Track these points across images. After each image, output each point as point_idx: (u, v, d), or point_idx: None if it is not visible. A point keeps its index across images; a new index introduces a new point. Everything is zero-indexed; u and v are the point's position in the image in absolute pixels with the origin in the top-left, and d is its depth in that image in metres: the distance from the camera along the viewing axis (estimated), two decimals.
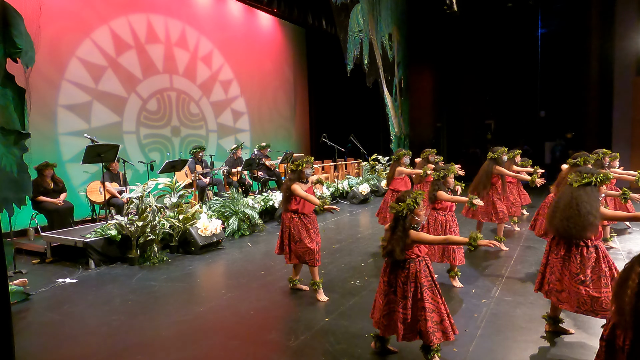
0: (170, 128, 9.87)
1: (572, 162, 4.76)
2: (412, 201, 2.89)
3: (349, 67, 11.36)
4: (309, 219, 4.26)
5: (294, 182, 4.21)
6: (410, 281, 2.88)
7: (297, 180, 4.23)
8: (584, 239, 3.12)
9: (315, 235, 4.27)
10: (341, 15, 10.82)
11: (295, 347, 3.29)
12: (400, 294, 2.90)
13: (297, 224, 4.21)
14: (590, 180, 3.11)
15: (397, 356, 3.14)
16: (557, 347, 3.20)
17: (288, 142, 13.73)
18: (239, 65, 11.77)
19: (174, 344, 3.40)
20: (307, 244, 4.17)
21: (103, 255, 5.52)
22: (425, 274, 2.90)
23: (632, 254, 4.77)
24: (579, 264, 3.10)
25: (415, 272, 2.88)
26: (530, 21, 13.46)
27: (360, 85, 12.39)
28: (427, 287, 2.87)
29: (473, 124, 15.04)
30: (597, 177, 3.11)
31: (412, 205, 2.88)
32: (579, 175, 3.17)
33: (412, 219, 2.90)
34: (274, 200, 8.15)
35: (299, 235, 4.20)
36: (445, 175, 4.36)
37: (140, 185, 5.82)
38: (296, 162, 4.26)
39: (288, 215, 4.28)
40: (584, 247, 3.12)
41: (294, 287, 4.52)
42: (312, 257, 4.19)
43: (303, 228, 4.20)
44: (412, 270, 2.89)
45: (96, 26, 8.32)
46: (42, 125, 7.39)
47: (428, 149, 6.88)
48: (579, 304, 3.09)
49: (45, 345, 3.45)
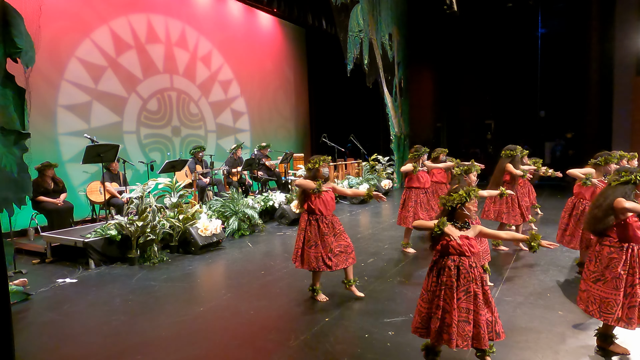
0: (171, 128, 9.87)
1: (593, 162, 4.68)
2: (465, 193, 2.75)
3: (349, 67, 11.35)
4: (326, 222, 4.02)
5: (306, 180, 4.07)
6: (432, 275, 2.76)
7: (312, 179, 4.04)
8: (596, 233, 3.05)
9: (336, 238, 4.03)
10: (341, 15, 10.82)
11: (295, 347, 3.29)
12: (424, 287, 2.80)
13: (314, 228, 3.99)
14: (629, 178, 3.01)
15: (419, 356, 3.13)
16: (556, 347, 3.20)
17: (288, 142, 13.72)
18: (239, 65, 11.77)
19: (174, 344, 3.40)
20: (320, 249, 3.96)
21: (103, 255, 5.52)
22: (450, 274, 2.70)
23: None
24: (596, 261, 3.02)
25: (440, 269, 2.75)
26: (530, 21, 13.45)
27: (360, 85, 12.38)
28: (448, 287, 2.69)
29: (473, 124, 15.03)
30: (637, 175, 3.00)
31: (464, 197, 2.75)
32: (617, 173, 3.10)
33: (462, 213, 2.78)
34: (274, 201, 8.15)
35: (315, 240, 3.99)
36: (468, 171, 4.20)
37: (140, 185, 5.82)
38: (312, 161, 4.07)
39: (305, 217, 4.08)
40: (605, 246, 3.00)
41: (313, 297, 4.26)
42: (323, 263, 3.96)
43: (319, 233, 3.98)
44: (438, 265, 2.76)
45: (96, 26, 8.32)
46: (42, 125, 7.39)
47: (439, 149, 6.81)
48: (588, 302, 3.03)
49: (45, 345, 3.45)
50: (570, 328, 3.47)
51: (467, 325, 2.65)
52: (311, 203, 4.02)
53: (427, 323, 2.78)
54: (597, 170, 4.64)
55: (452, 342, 2.63)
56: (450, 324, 2.65)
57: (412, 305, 3.95)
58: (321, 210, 4.01)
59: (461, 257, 2.72)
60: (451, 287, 2.68)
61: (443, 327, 2.69)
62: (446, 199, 2.81)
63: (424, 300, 2.81)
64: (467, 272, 2.70)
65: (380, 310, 3.90)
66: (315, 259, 3.98)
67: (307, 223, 4.03)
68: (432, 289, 2.77)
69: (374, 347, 3.25)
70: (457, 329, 2.64)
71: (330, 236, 4.02)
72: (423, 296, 2.82)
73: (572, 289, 4.33)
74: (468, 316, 2.66)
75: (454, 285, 2.68)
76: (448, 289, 2.70)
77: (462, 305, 2.67)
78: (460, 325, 2.65)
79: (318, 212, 4.01)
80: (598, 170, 4.63)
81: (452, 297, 2.67)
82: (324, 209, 4.02)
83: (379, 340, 3.35)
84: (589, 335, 3.32)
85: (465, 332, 2.65)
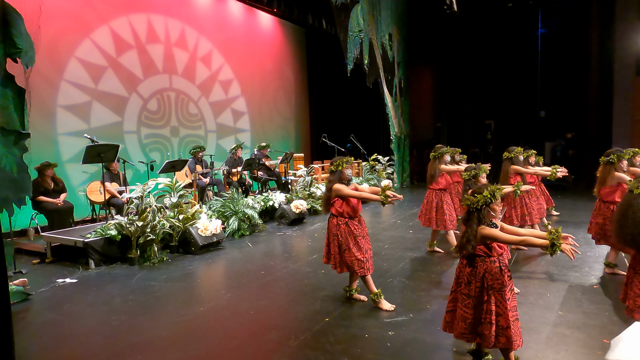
0: (170, 128, 9.87)
1: (605, 160, 4.61)
2: (490, 194, 2.71)
3: (349, 67, 11.35)
4: (356, 224, 3.95)
5: (334, 183, 3.93)
6: (476, 280, 2.71)
7: (338, 181, 3.94)
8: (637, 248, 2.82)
9: (365, 241, 3.97)
10: (341, 15, 10.82)
11: (295, 347, 3.29)
12: (465, 292, 2.77)
13: (344, 231, 3.91)
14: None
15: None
16: (556, 347, 3.19)
17: (288, 142, 13.73)
18: (239, 65, 11.77)
19: (174, 344, 3.40)
20: (354, 252, 3.87)
21: (103, 255, 5.52)
22: (496, 276, 2.69)
23: None
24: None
25: (484, 273, 2.70)
26: (530, 21, 13.45)
27: (360, 85, 12.38)
28: (497, 289, 2.68)
29: (473, 124, 15.03)
30: None
31: (489, 198, 2.70)
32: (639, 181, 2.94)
33: (487, 214, 2.73)
34: (274, 200, 8.15)
35: (346, 244, 3.90)
36: (476, 175, 4.15)
37: (140, 185, 5.82)
38: (336, 162, 3.96)
39: (334, 222, 3.97)
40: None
41: (351, 297, 4.17)
42: (362, 267, 3.87)
43: (350, 235, 3.90)
44: (479, 270, 2.72)
45: (96, 26, 8.32)
46: (42, 125, 7.39)
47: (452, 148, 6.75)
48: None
49: (45, 345, 3.45)
50: (570, 328, 3.47)
51: (518, 323, 2.72)
52: (339, 206, 3.94)
53: (474, 328, 2.75)
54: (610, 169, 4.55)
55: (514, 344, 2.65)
56: (505, 327, 2.65)
57: (412, 305, 3.97)
58: (349, 212, 3.94)
59: (500, 257, 2.74)
60: (500, 290, 2.67)
61: (499, 330, 2.67)
62: (471, 200, 2.75)
63: (467, 306, 2.75)
64: (508, 269, 2.75)
65: (380, 311, 3.90)
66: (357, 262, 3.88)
67: (337, 228, 3.95)
68: (476, 295, 2.72)
69: (374, 347, 3.25)
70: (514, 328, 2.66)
71: (362, 237, 3.95)
72: (465, 301, 2.76)
73: (572, 289, 4.34)
74: (516, 313, 2.72)
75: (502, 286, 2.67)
76: (497, 292, 2.68)
77: (513, 305, 2.71)
78: (515, 324, 2.68)
79: (346, 215, 3.94)
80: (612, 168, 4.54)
81: (502, 299, 2.66)
82: (352, 211, 3.95)
83: (379, 340, 3.35)
84: (589, 335, 3.33)
85: (519, 329, 2.70)
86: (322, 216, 8.41)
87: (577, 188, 11.44)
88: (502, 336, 2.66)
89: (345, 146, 13.30)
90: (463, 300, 2.78)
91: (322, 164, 11.84)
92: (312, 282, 4.74)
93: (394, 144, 13.10)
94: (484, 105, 14.72)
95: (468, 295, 2.75)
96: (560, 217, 7.55)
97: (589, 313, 3.74)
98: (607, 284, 4.43)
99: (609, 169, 4.61)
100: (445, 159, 5.74)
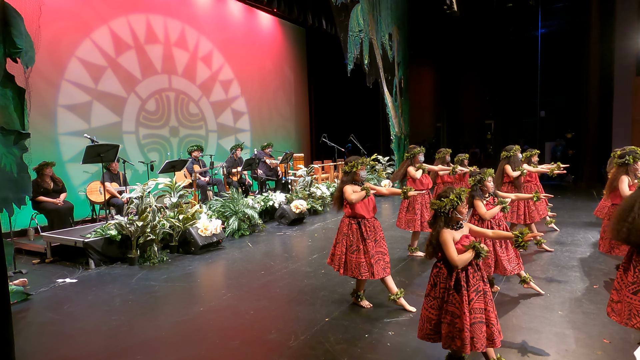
0: (169, 128, 9.87)
1: (619, 162, 4.33)
2: (456, 197, 2.72)
3: (349, 67, 11.36)
4: (368, 226, 3.87)
5: (346, 183, 3.87)
6: (440, 281, 2.72)
7: (350, 182, 3.88)
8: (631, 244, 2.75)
9: (377, 245, 3.87)
10: (341, 15, 10.82)
11: (295, 347, 3.29)
12: (432, 294, 2.76)
13: (355, 232, 3.84)
14: None
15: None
16: (556, 347, 3.20)
17: (288, 142, 13.73)
18: (239, 65, 11.77)
19: (174, 344, 3.40)
20: (360, 255, 3.81)
21: (103, 255, 5.52)
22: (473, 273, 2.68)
23: None
24: (637, 272, 2.76)
25: (447, 274, 2.70)
26: (530, 21, 13.46)
27: (360, 85, 12.39)
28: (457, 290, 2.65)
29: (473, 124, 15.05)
30: None
31: (455, 201, 2.71)
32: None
33: (454, 216, 2.73)
34: (274, 201, 8.15)
35: (357, 245, 3.83)
36: (482, 180, 4.02)
37: (140, 185, 5.82)
38: (350, 163, 3.89)
39: (346, 221, 3.93)
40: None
41: (357, 303, 4.05)
42: (366, 271, 3.80)
43: (360, 237, 3.83)
44: (443, 271, 2.72)
45: (96, 26, 8.32)
46: (42, 125, 7.39)
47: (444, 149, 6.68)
48: (630, 315, 2.75)
49: (45, 345, 3.45)
50: (570, 328, 3.47)
51: (483, 326, 2.63)
52: (351, 206, 3.87)
53: (438, 328, 2.73)
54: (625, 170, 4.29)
55: (466, 348, 2.59)
56: (462, 329, 2.60)
57: (412, 305, 3.96)
58: (362, 213, 3.86)
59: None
60: (460, 290, 2.64)
61: (454, 332, 2.64)
62: (437, 204, 2.74)
63: (432, 307, 2.75)
64: (475, 271, 2.70)
65: (380, 311, 3.90)
66: (358, 266, 3.82)
67: (348, 227, 3.89)
68: (440, 296, 2.71)
69: (374, 347, 3.25)
70: (471, 332, 2.60)
71: (372, 241, 3.86)
72: (430, 302, 2.76)
73: (572, 289, 4.34)
74: (482, 316, 2.64)
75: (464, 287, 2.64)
76: (457, 293, 2.66)
77: (475, 306, 2.63)
78: (475, 328, 2.61)
79: (359, 216, 3.87)
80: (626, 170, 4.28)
81: (462, 301, 2.63)
82: (366, 212, 3.87)
83: (379, 340, 3.34)
84: (589, 335, 3.33)
85: (483, 332, 2.62)
86: (322, 216, 8.41)
87: (577, 188, 11.43)
88: (458, 339, 2.62)
89: (345, 146, 13.31)
90: (429, 302, 2.78)
91: (322, 164, 11.85)
92: (312, 282, 4.74)
93: (394, 144, 13.10)
94: (484, 105, 14.73)
95: (434, 296, 2.75)
96: (560, 218, 7.55)
97: (589, 313, 3.74)
98: (607, 284, 4.43)
99: (623, 171, 4.33)
100: (417, 159, 5.62)
